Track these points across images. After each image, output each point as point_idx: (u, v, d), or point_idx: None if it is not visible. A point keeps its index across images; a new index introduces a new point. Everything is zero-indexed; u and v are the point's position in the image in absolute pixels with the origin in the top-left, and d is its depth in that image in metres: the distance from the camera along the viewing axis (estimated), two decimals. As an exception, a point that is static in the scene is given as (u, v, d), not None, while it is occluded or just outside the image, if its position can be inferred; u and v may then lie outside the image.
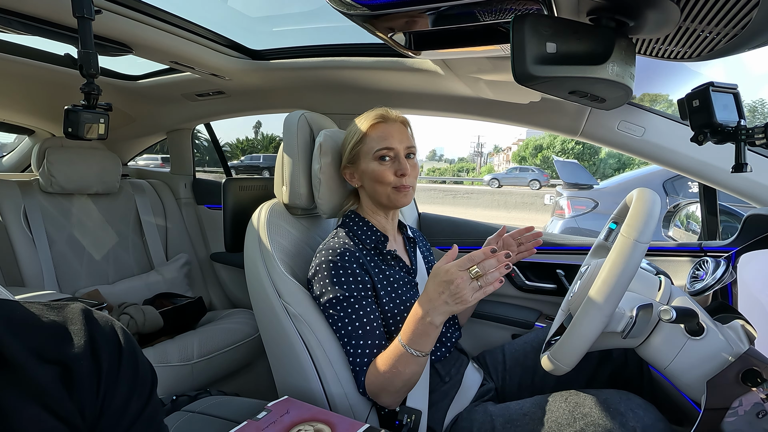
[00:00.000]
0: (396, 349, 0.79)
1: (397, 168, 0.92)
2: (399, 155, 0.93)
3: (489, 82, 1.17)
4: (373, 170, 0.93)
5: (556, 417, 0.81)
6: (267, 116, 5.88)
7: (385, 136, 0.93)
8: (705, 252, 1.16)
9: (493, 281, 0.69)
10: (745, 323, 0.77)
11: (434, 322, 0.74)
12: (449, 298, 0.71)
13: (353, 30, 0.90)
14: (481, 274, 0.69)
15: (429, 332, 0.76)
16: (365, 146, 0.94)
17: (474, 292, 0.70)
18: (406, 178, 0.93)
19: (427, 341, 0.76)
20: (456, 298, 0.70)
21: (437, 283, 0.72)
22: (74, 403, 0.35)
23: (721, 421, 0.64)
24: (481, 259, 0.70)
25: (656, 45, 0.81)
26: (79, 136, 0.79)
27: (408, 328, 0.78)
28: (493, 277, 0.69)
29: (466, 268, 0.70)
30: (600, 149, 24.81)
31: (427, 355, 0.78)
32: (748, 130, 0.72)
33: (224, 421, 0.78)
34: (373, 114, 0.95)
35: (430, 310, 0.73)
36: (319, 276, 0.89)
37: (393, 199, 0.94)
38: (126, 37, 1.16)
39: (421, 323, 0.75)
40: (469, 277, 0.69)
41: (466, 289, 0.69)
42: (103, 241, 1.79)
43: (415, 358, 0.77)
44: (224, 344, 1.51)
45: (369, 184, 0.95)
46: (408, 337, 0.77)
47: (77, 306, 0.40)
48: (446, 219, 1.66)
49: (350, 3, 0.75)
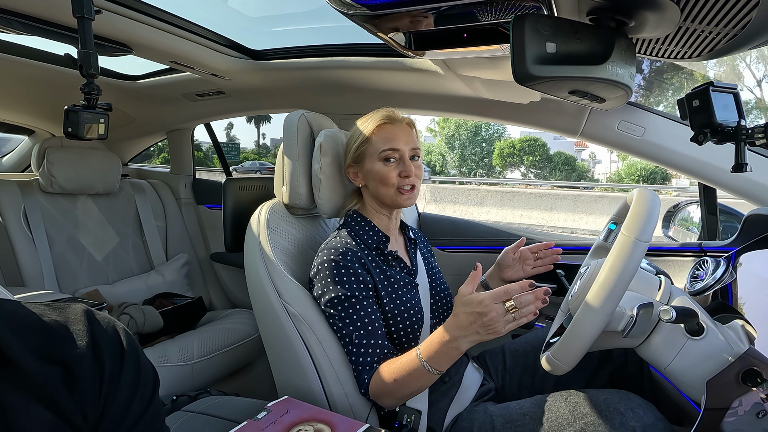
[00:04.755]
0: (412, 362, 0.79)
1: (402, 169, 0.93)
2: (404, 157, 0.94)
3: (489, 82, 1.17)
4: (377, 171, 0.93)
5: (556, 417, 0.81)
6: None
7: (390, 138, 0.93)
8: (705, 252, 1.16)
9: (527, 314, 0.69)
10: (745, 323, 0.77)
11: (460, 348, 0.74)
12: (481, 329, 0.71)
13: (353, 30, 0.90)
14: (516, 308, 0.69)
15: (451, 355, 0.76)
16: (371, 146, 0.94)
17: (507, 324, 0.70)
18: (410, 179, 0.93)
19: (447, 362, 0.77)
20: (488, 329, 0.70)
21: (469, 313, 0.72)
22: (76, 403, 0.35)
23: (721, 421, 0.64)
24: (518, 293, 0.69)
25: (656, 45, 0.81)
26: (79, 136, 0.79)
27: (430, 347, 0.78)
28: (528, 311, 0.69)
29: (501, 301, 0.70)
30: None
31: (441, 373, 0.79)
32: (748, 130, 0.73)
33: (224, 421, 0.78)
34: (380, 115, 0.95)
35: (459, 337, 0.74)
36: (320, 275, 0.89)
37: (396, 200, 0.94)
38: (126, 37, 1.16)
39: (446, 346, 0.75)
40: (504, 310, 0.69)
41: (500, 322, 0.69)
42: (103, 241, 1.79)
43: (429, 375, 0.78)
44: (224, 344, 1.51)
45: (373, 184, 0.96)
46: (429, 355, 0.77)
47: (79, 306, 0.40)
48: (446, 219, 1.66)
49: (350, 3, 0.75)
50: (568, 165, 27.48)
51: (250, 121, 36.18)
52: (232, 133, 40.39)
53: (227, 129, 39.24)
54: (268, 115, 23.38)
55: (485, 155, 30.30)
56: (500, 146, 29.09)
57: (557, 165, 27.49)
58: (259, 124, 38.11)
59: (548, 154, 28.19)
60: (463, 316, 0.73)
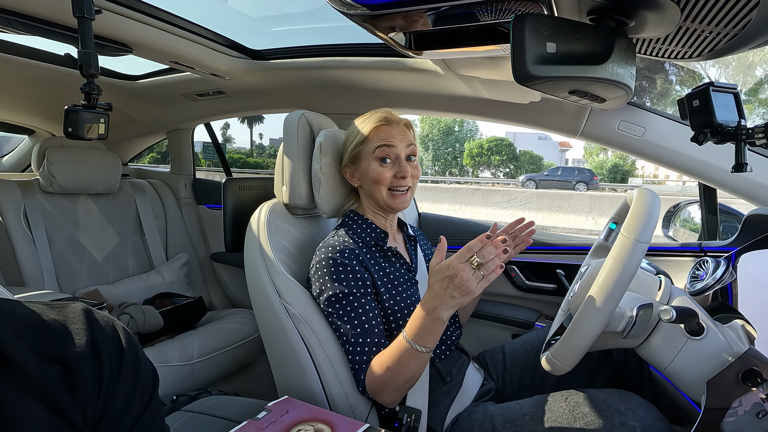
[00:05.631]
0: (400, 345, 0.79)
1: (397, 170, 0.94)
2: (400, 157, 0.94)
3: (489, 82, 1.17)
4: (373, 171, 0.94)
5: (557, 417, 0.81)
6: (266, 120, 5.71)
7: (387, 138, 0.93)
8: (705, 252, 1.16)
9: (494, 268, 0.70)
10: (745, 323, 0.77)
11: (441, 317, 0.74)
12: (455, 292, 0.71)
13: (353, 30, 0.90)
14: (482, 263, 0.69)
15: (435, 327, 0.76)
16: (367, 147, 0.94)
17: (478, 281, 0.70)
18: (405, 181, 0.94)
19: (432, 336, 0.77)
20: (462, 290, 0.70)
21: (440, 279, 0.72)
22: (75, 402, 0.35)
23: (721, 420, 0.64)
24: (479, 248, 0.70)
25: (656, 45, 0.81)
26: (79, 136, 0.79)
27: (413, 324, 0.78)
28: (494, 264, 0.70)
29: (467, 260, 0.70)
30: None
31: (431, 351, 0.78)
32: (749, 130, 0.73)
33: (224, 421, 0.78)
34: (377, 116, 0.95)
35: (437, 306, 0.74)
36: (319, 273, 0.89)
37: (389, 202, 0.95)
38: (126, 37, 1.16)
39: (428, 318, 0.75)
40: (471, 267, 0.70)
41: (470, 279, 0.69)
42: (103, 241, 1.79)
43: (419, 354, 0.78)
44: (224, 344, 1.51)
45: (368, 185, 0.96)
46: (413, 333, 0.77)
47: (78, 305, 0.40)
48: (446, 219, 1.66)
49: (350, 3, 0.75)
50: (534, 164, 29.29)
51: (243, 121, 36.38)
52: (228, 133, 40.48)
53: (223, 129, 39.29)
54: (261, 116, 23.53)
55: (457, 155, 31.58)
56: (469, 146, 30.46)
57: (523, 164, 29.32)
58: (252, 125, 38.26)
59: (515, 153, 29.91)
60: (436, 285, 0.73)
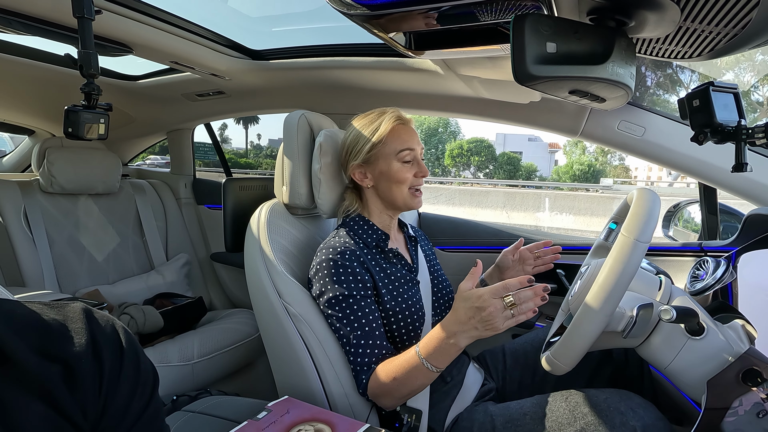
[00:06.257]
0: (411, 360, 0.79)
1: (418, 170, 0.95)
2: (417, 157, 0.95)
3: (488, 82, 1.17)
4: (396, 171, 0.93)
5: (557, 416, 0.81)
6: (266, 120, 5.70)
7: (406, 139, 0.94)
8: (705, 252, 1.16)
9: (526, 311, 0.69)
10: (745, 323, 0.77)
11: (459, 344, 0.74)
12: (479, 324, 0.71)
13: (353, 30, 0.90)
14: (515, 304, 0.69)
15: (450, 352, 0.76)
16: (387, 147, 0.93)
17: (506, 320, 0.69)
18: (423, 179, 0.96)
19: (446, 359, 0.77)
20: (487, 324, 0.70)
21: (468, 308, 0.71)
22: (76, 401, 0.35)
23: (722, 420, 0.64)
24: (517, 289, 0.69)
25: (656, 45, 0.82)
26: (79, 136, 0.79)
27: (429, 343, 0.78)
28: (527, 308, 0.69)
29: (500, 296, 0.69)
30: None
31: (440, 371, 0.79)
32: (749, 129, 0.73)
33: (224, 421, 0.78)
34: (392, 116, 0.95)
35: (457, 333, 0.73)
36: (319, 275, 0.89)
37: (409, 202, 0.96)
38: (126, 37, 1.16)
39: (445, 342, 0.75)
40: (503, 305, 0.69)
41: (499, 317, 0.69)
42: (103, 241, 1.79)
43: (428, 372, 0.78)
44: (224, 344, 1.51)
45: (385, 185, 0.95)
46: (428, 352, 0.77)
47: (78, 305, 0.40)
48: (446, 219, 1.66)
49: (350, 3, 0.75)
50: (511, 165, 30.43)
51: (238, 122, 36.46)
52: (225, 133, 40.65)
53: (221, 130, 39.31)
54: (256, 116, 23.85)
55: (440, 155, 32.41)
56: (450, 147, 31.30)
57: (501, 164, 30.43)
58: (247, 126, 38.32)
59: (494, 154, 31.00)
60: (462, 311, 0.72)
